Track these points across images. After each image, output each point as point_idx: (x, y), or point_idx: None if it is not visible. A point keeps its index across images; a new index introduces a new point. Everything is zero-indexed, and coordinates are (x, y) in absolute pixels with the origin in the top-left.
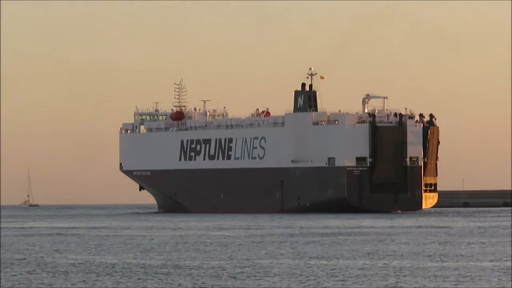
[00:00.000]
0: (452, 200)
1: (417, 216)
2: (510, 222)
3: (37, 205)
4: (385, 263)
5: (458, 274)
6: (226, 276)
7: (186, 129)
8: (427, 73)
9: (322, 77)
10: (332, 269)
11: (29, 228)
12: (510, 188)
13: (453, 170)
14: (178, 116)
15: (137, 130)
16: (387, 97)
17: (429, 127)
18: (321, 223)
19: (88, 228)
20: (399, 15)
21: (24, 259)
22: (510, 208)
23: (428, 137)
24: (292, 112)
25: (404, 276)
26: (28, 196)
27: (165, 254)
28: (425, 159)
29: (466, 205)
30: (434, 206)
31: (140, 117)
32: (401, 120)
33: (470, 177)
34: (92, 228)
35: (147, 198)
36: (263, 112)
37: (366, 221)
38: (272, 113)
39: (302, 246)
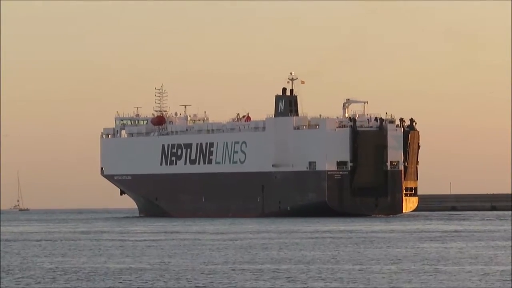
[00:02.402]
0: (440, 204)
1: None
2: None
3: (27, 210)
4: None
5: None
6: None
7: (167, 134)
8: (408, 77)
9: (302, 82)
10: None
11: None
12: (497, 192)
13: (441, 174)
14: (159, 121)
15: (118, 135)
16: (367, 102)
17: (409, 131)
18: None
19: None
20: (380, 19)
21: None
22: (493, 212)
23: (409, 142)
24: (273, 116)
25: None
26: (18, 200)
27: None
28: (406, 163)
29: (453, 209)
30: (417, 210)
31: (121, 122)
32: (382, 125)
33: (458, 181)
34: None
35: (128, 203)
36: (243, 116)
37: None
38: (253, 118)
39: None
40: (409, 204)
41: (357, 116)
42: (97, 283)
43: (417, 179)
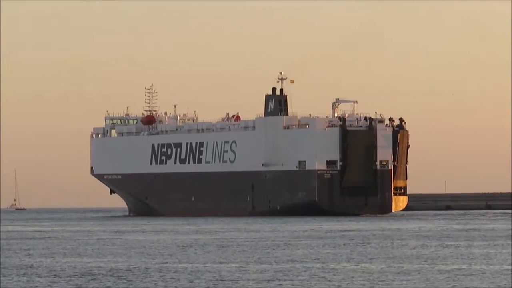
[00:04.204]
0: (435, 203)
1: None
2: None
3: (24, 209)
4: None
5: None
6: None
7: (157, 133)
8: (397, 77)
9: (292, 81)
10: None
11: None
12: (493, 191)
13: (436, 173)
14: (149, 120)
15: (108, 134)
16: (357, 101)
17: (399, 131)
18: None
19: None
20: (369, 19)
21: None
22: (490, 211)
23: (398, 141)
24: (263, 116)
25: None
26: (15, 199)
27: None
28: (395, 162)
29: (448, 208)
30: (411, 209)
31: (111, 121)
32: (371, 124)
33: (453, 180)
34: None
35: (118, 202)
36: (233, 116)
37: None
38: (242, 117)
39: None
40: (399, 203)
41: (347, 115)
42: None
43: (406, 178)
